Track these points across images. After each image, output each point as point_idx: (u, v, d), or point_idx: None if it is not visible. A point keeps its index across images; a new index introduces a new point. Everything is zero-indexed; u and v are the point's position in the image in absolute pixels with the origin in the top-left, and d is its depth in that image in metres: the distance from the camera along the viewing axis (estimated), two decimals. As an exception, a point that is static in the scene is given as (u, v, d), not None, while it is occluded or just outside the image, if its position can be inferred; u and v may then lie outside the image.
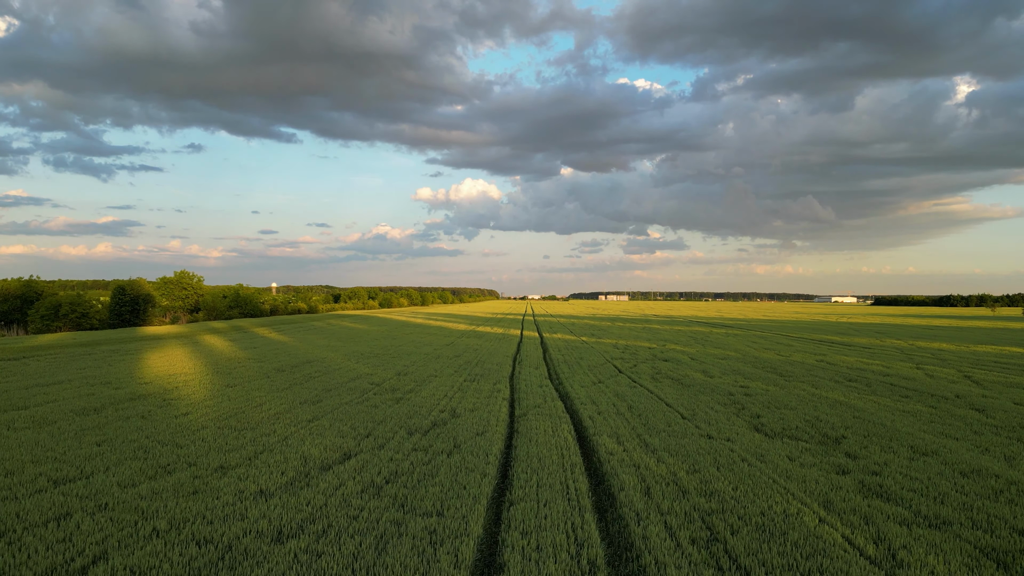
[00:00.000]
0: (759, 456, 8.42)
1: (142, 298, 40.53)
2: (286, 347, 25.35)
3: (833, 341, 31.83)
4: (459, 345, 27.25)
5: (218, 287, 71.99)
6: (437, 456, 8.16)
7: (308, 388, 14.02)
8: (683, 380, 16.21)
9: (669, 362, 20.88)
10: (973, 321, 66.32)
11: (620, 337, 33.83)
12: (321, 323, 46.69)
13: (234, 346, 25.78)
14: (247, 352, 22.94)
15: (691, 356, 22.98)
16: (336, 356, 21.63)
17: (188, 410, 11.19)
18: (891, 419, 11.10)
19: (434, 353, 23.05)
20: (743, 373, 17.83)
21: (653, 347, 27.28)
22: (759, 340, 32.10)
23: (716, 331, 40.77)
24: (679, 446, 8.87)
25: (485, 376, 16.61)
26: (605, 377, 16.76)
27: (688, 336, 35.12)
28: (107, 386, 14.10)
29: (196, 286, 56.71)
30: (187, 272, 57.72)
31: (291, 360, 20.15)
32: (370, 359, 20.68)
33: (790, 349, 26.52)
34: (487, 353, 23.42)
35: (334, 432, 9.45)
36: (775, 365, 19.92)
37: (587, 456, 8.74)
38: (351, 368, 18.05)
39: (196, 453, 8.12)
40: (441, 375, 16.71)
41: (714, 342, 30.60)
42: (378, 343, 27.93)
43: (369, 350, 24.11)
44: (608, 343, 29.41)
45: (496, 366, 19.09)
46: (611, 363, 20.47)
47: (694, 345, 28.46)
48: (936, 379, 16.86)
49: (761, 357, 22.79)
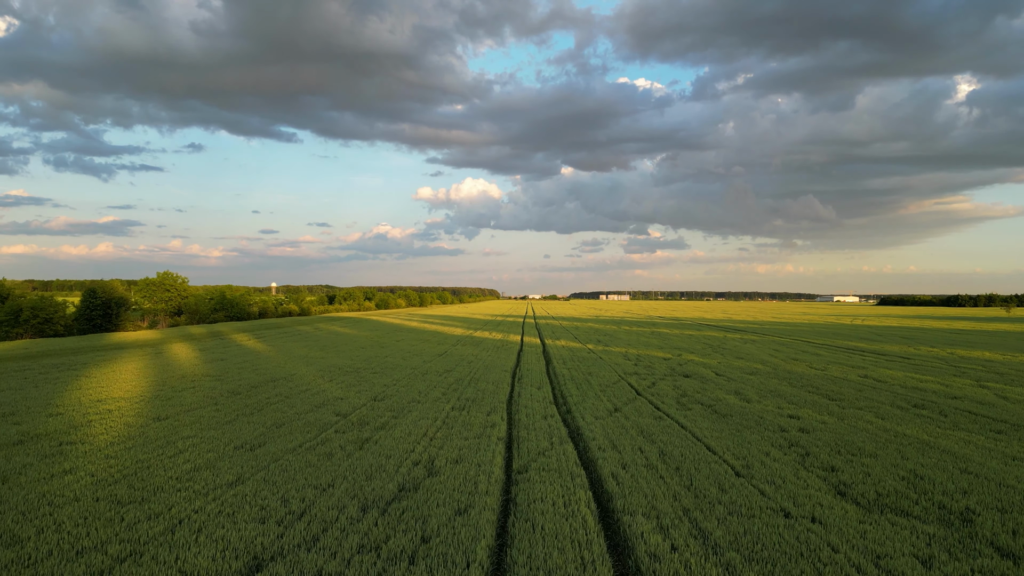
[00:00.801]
0: (875, 559, 5.65)
1: (115, 301, 37.76)
2: (258, 358, 22.61)
3: (863, 349, 29.05)
4: (452, 356, 24.50)
5: (212, 287, 69.49)
6: (392, 565, 5.40)
7: (256, 422, 11.27)
8: (716, 406, 13.46)
9: (692, 379, 18.13)
10: (993, 323, 63.51)
11: (629, 344, 31.07)
12: (308, 327, 43.94)
13: (200, 357, 23.04)
14: (210, 366, 20.20)
15: (714, 370, 20.21)
16: (309, 372, 18.88)
17: (75, 464, 8.42)
18: (1008, 472, 8.34)
19: (422, 368, 20.30)
20: (783, 395, 15.06)
21: (668, 357, 24.51)
22: (782, 348, 29.33)
23: (731, 336, 37.99)
24: (750, 536, 6.09)
25: (478, 401, 13.86)
26: (622, 402, 13.99)
27: (703, 343, 32.34)
28: (3, 420, 11.35)
29: (180, 288, 53.95)
30: (171, 273, 54.97)
31: (256, 377, 17.41)
32: (347, 376, 17.93)
33: (820, 360, 23.75)
34: (482, 367, 20.67)
35: (255, 509, 6.68)
36: (815, 383, 17.16)
37: (618, 557, 5.97)
38: (320, 389, 15.31)
39: (18, 564, 5.36)
40: (425, 400, 13.96)
41: (733, 350, 27.84)
42: (363, 353, 25.19)
43: (350, 363, 21.37)
44: (617, 352, 26.65)
45: (492, 385, 16.34)
46: (625, 380, 17.72)
47: (713, 355, 25.70)
48: (1014, 403, 14.08)
49: (794, 371, 20.02)
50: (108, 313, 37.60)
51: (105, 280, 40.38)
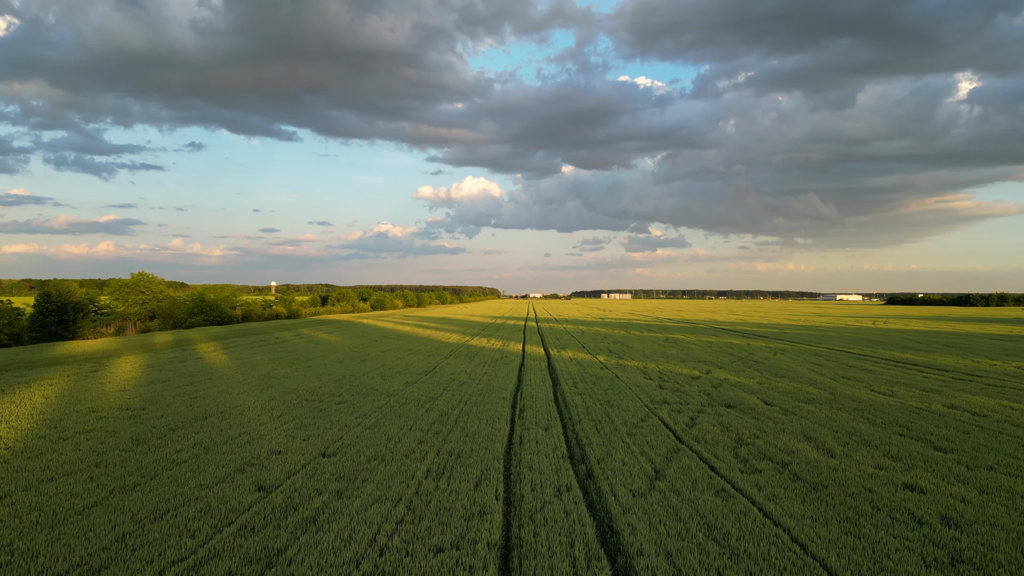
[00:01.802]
0: None
1: (71, 306, 34.00)
2: (207, 380, 18.89)
3: (915, 363, 25.30)
4: (442, 374, 20.78)
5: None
6: None
7: (126, 508, 7.54)
8: (794, 465, 9.73)
9: (738, 411, 14.40)
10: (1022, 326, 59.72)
11: (646, 357, 27.31)
12: (289, 334, 40.21)
13: (138, 378, 19.33)
14: (140, 392, 16.48)
15: (760, 396, 16.47)
16: (259, 402, 15.15)
17: None
18: None
19: (402, 394, 16.56)
20: (872, 442, 11.32)
21: (696, 375, 20.77)
22: (821, 361, 25.57)
23: (755, 345, 34.22)
24: None
25: (464, 457, 10.13)
26: (662, 458, 10.24)
27: (728, 354, 28.58)
28: None
29: (156, 289, 50.17)
30: (146, 274, 51.15)
31: (186, 412, 13.69)
32: (303, 409, 14.20)
33: (878, 379, 20.01)
34: (476, 393, 16.94)
35: None
36: (900, 419, 13.40)
37: None
38: (258, 435, 11.58)
39: None
40: (393, 455, 10.22)
41: (767, 364, 24.10)
42: (337, 370, 21.46)
43: (315, 386, 17.64)
44: (634, 368, 22.91)
45: (486, 425, 12.62)
46: (654, 413, 14.00)
47: (746, 371, 21.96)
48: None
49: (859, 398, 16.28)
50: (64, 319, 33.85)
51: (63, 280, 36.57)
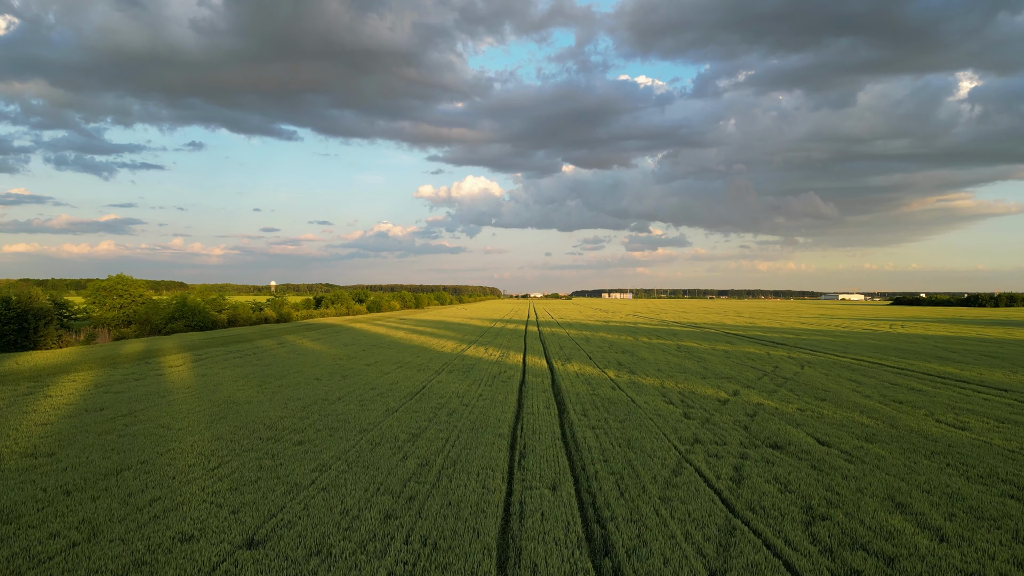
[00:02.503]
0: None
1: (32, 313, 31.24)
2: (152, 409, 16.15)
3: (960, 379, 22.52)
4: (431, 396, 18.03)
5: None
6: None
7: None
8: (899, 559, 6.98)
9: (787, 453, 11.65)
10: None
11: (660, 371, 24.54)
12: (272, 342, 37.43)
13: (71, 406, 16.58)
14: (66, 424, 13.73)
15: (809, 432, 13.70)
16: (198, 445, 12.40)
17: None
18: None
19: (378, 429, 13.79)
20: (982, 510, 8.54)
21: (724, 398, 18.01)
22: (856, 377, 22.80)
23: (776, 355, 31.44)
24: None
25: (442, 550, 7.37)
26: (714, 546, 7.46)
27: (751, 368, 25.80)
28: None
29: (134, 292, 47.37)
30: (125, 276, 48.36)
31: (99, 463, 10.94)
32: (247, 457, 11.43)
33: (933, 403, 17.26)
34: (467, 427, 14.18)
35: None
36: (1002, 469, 10.62)
37: None
38: (171, 507, 8.83)
39: None
40: (342, 548, 7.45)
41: (797, 381, 21.34)
42: (310, 392, 18.71)
43: (277, 418, 14.89)
44: (651, 387, 20.14)
45: (476, 484, 9.85)
46: (689, 462, 11.24)
47: (778, 390, 19.19)
48: None
49: (927, 432, 13.52)
50: (25, 327, 31.09)
51: (25, 281, 33.86)
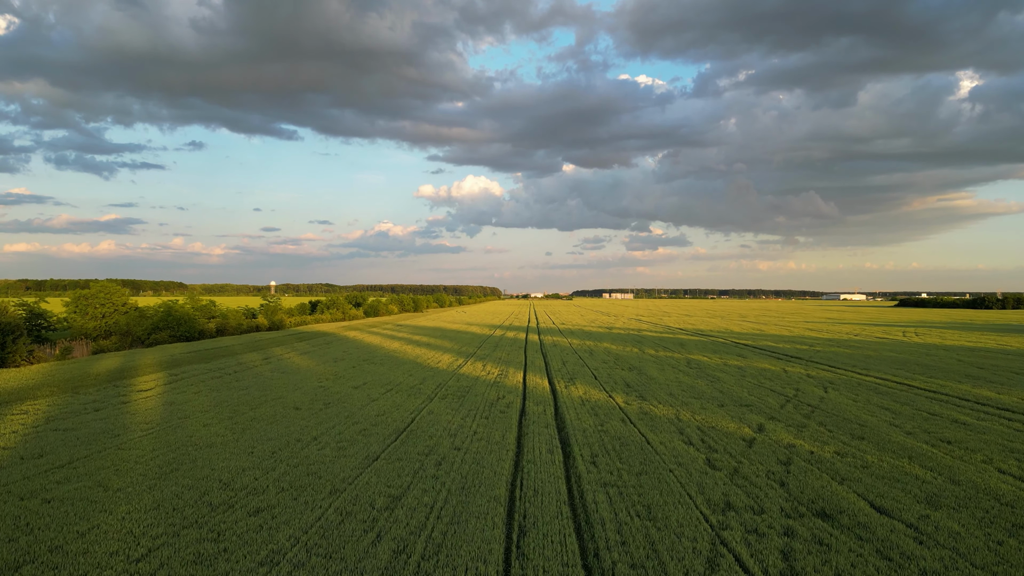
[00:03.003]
0: None
1: (1, 328, 29.20)
2: (92, 458, 14.10)
3: (1008, 408, 20.40)
4: (418, 437, 15.95)
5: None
6: None
7: None
8: None
9: (842, 529, 9.53)
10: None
11: (673, 396, 22.43)
12: (258, 356, 35.34)
13: (6, 455, 14.52)
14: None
15: (858, 492, 11.59)
16: (128, 521, 10.30)
17: None
18: None
19: (351, 492, 11.69)
20: None
21: (749, 436, 15.91)
22: (890, 404, 20.68)
23: (794, 373, 29.33)
24: None
25: None
26: None
27: (770, 390, 23.67)
28: None
29: (117, 301, 45.30)
30: (107, 283, 46.30)
31: (1, 556, 8.89)
32: (181, 542, 9.33)
33: (989, 445, 15.12)
34: (457, 487, 12.08)
35: None
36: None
37: None
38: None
39: None
40: None
41: (826, 411, 19.23)
42: (284, 430, 16.64)
43: (236, 472, 12.80)
44: (665, 419, 18.05)
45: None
46: (722, 541, 9.15)
47: (808, 424, 17.08)
48: None
49: (1002, 495, 11.39)
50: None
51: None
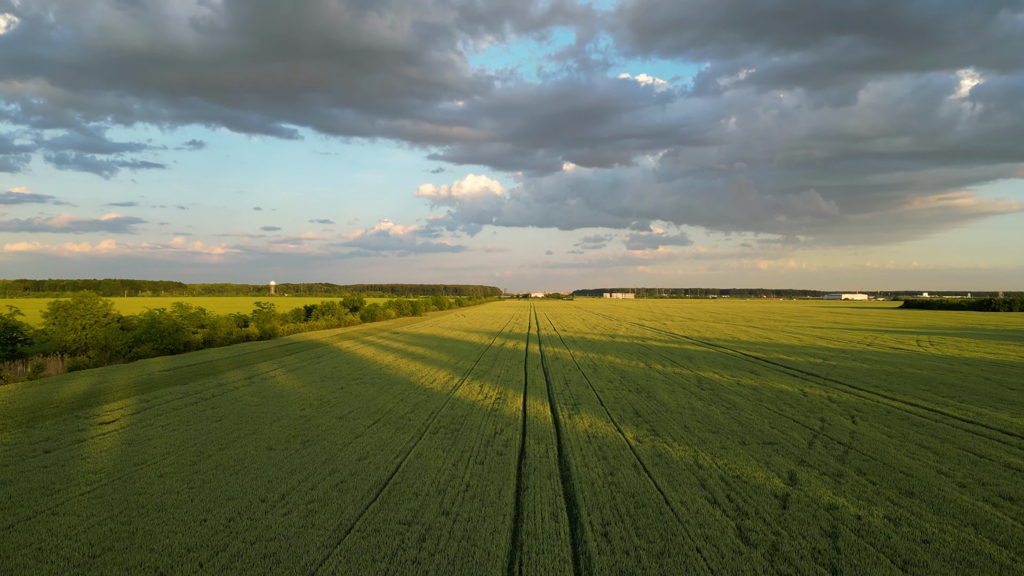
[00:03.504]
0: None
1: (-39, 347, 27.30)
2: (30, 520, 12.07)
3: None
4: (402, 495, 13.90)
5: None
6: None
7: None
8: None
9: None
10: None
11: (690, 433, 20.37)
12: (241, 374, 33.30)
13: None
14: None
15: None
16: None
17: None
18: None
19: None
20: None
21: (782, 490, 13.85)
22: (929, 440, 18.60)
23: (815, 396, 27.26)
24: None
25: None
26: None
27: (791, 419, 21.59)
28: None
29: (98, 312, 43.30)
30: (89, 293, 44.33)
31: None
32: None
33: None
34: (444, 570, 10.05)
35: None
36: None
37: None
38: None
39: None
40: None
41: (858, 450, 17.17)
42: (248, 484, 14.60)
43: (180, 550, 10.75)
44: (683, 465, 16.00)
45: None
46: None
47: (844, 471, 15.03)
48: None
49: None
50: (-49, 364, 27.13)
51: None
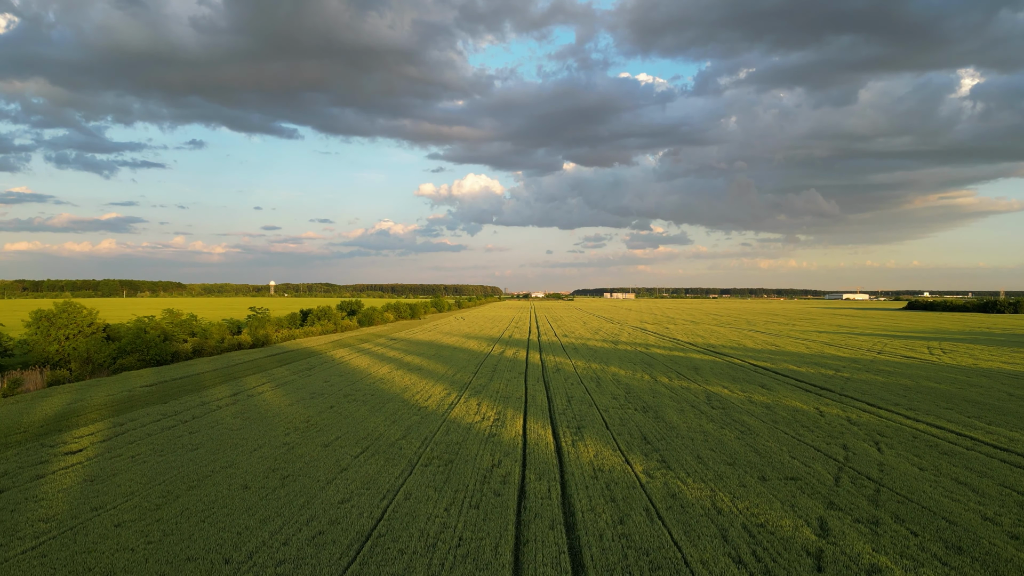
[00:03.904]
0: None
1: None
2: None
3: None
4: (384, 555, 12.32)
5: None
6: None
7: None
8: None
9: None
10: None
11: (704, 464, 18.72)
12: (227, 391, 31.70)
13: None
14: None
15: None
16: None
17: None
18: None
19: None
20: None
21: (814, 544, 12.18)
22: (959, 472, 16.87)
23: (833, 417, 25.65)
24: None
25: None
26: None
27: (811, 447, 19.92)
28: None
29: (82, 322, 41.70)
30: (72, 302, 42.70)
31: None
32: None
33: None
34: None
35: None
36: None
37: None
38: None
39: None
40: None
41: (892, 488, 15.51)
42: (215, 539, 12.98)
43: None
44: (700, 508, 14.34)
45: None
46: None
47: (882, 519, 13.35)
48: None
49: None
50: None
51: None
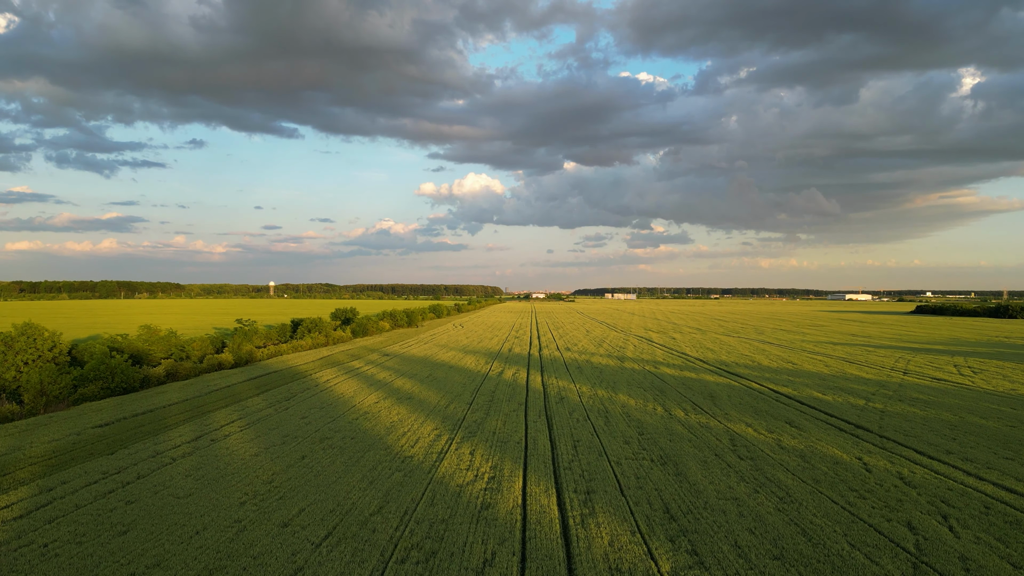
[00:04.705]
0: None
1: None
2: None
3: None
4: None
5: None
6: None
7: None
8: None
9: None
10: None
11: (746, 560, 15.32)
12: (187, 433, 28.27)
13: None
14: None
15: None
16: None
17: None
18: None
19: None
20: None
21: None
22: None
23: (876, 466, 22.20)
24: None
25: None
26: None
27: (880, 533, 16.46)
28: None
29: (42, 346, 38.35)
30: (32, 324, 39.37)
31: None
32: None
33: None
34: None
35: None
36: None
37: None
38: None
39: None
40: None
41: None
42: None
43: None
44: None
45: None
46: None
47: None
48: None
49: None
50: None
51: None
